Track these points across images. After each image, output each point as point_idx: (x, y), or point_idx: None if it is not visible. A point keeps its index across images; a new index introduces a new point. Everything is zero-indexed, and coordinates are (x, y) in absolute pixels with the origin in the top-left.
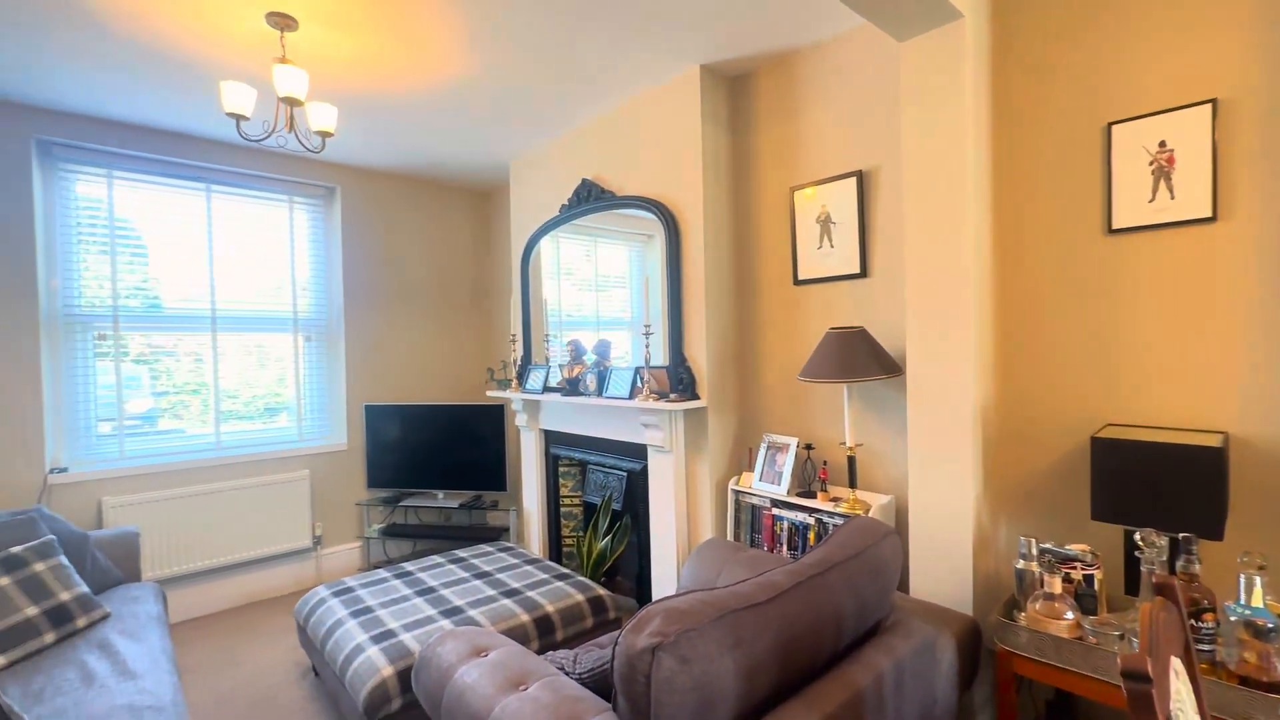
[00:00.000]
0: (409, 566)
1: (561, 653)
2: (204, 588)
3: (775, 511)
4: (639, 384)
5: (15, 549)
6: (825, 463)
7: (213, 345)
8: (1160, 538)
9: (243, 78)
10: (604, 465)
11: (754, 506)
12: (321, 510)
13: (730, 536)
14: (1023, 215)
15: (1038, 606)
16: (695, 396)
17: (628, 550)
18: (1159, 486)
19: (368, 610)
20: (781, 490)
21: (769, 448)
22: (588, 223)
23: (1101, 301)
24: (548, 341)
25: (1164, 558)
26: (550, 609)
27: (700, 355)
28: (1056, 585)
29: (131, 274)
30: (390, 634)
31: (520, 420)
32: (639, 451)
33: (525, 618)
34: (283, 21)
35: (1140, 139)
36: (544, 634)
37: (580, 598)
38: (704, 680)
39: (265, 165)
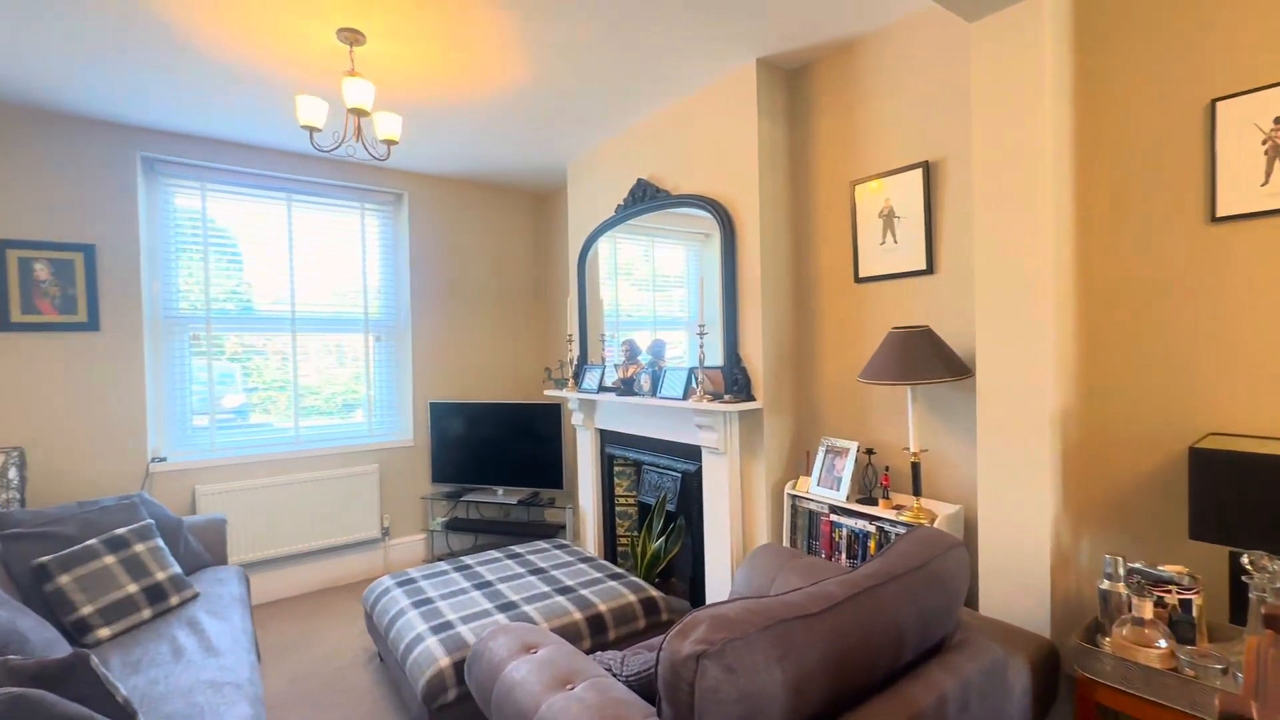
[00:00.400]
0: (468, 560)
1: (610, 653)
2: (282, 573)
3: (834, 518)
4: (693, 384)
5: (119, 530)
6: (887, 468)
7: (292, 345)
8: (1273, 562)
9: (314, 92)
10: (658, 466)
11: (811, 512)
12: (389, 503)
13: (786, 542)
14: (1111, 205)
15: (1125, 632)
16: (750, 398)
17: (682, 552)
18: (1271, 504)
19: (428, 601)
20: (840, 496)
21: (827, 451)
22: (645, 222)
23: (1202, 297)
24: (604, 341)
25: (1277, 585)
26: (603, 608)
27: (756, 356)
28: (1147, 610)
29: (227, 279)
30: (448, 625)
31: (576, 419)
32: (693, 453)
33: (578, 616)
34: (352, 37)
35: (1251, 115)
36: (596, 633)
37: (633, 598)
38: (750, 691)
39: (339, 175)
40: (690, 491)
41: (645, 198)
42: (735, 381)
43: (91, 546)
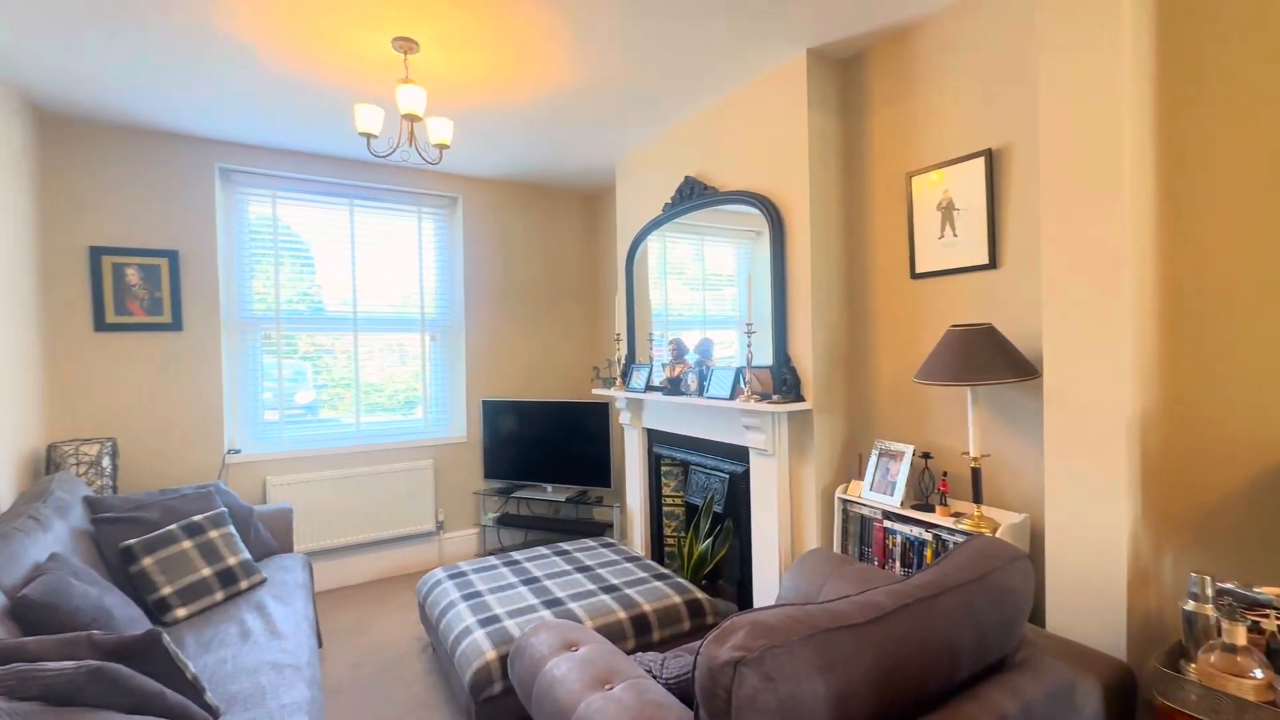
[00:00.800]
0: (517, 556)
1: (650, 655)
2: (343, 561)
3: (887, 524)
4: (740, 384)
5: (197, 517)
6: (945, 474)
7: (354, 344)
8: None
9: (371, 101)
10: (705, 466)
11: (863, 517)
12: (444, 497)
13: (837, 547)
14: (1204, 192)
15: (1214, 659)
16: (800, 398)
17: (729, 554)
18: None
19: (477, 595)
20: (894, 501)
21: (881, 455)
22: (694, 221)
23: None
24: (651, 341)
25: None
26: (647, 608)
27: (805, 355)
28: (1240, 635)
29: (300, 281)
30: (496, 619)
31: (624, 418)
32: (741, 454)
33: (622, 615)
34: (406, 45)
35: None
36: (640, 633)
37: (678, 599)
38: (790, 702)
39: (397, 180)
40: (738, 493)
41: (693, 195)
42: (784, 381)
43: (172, 531)
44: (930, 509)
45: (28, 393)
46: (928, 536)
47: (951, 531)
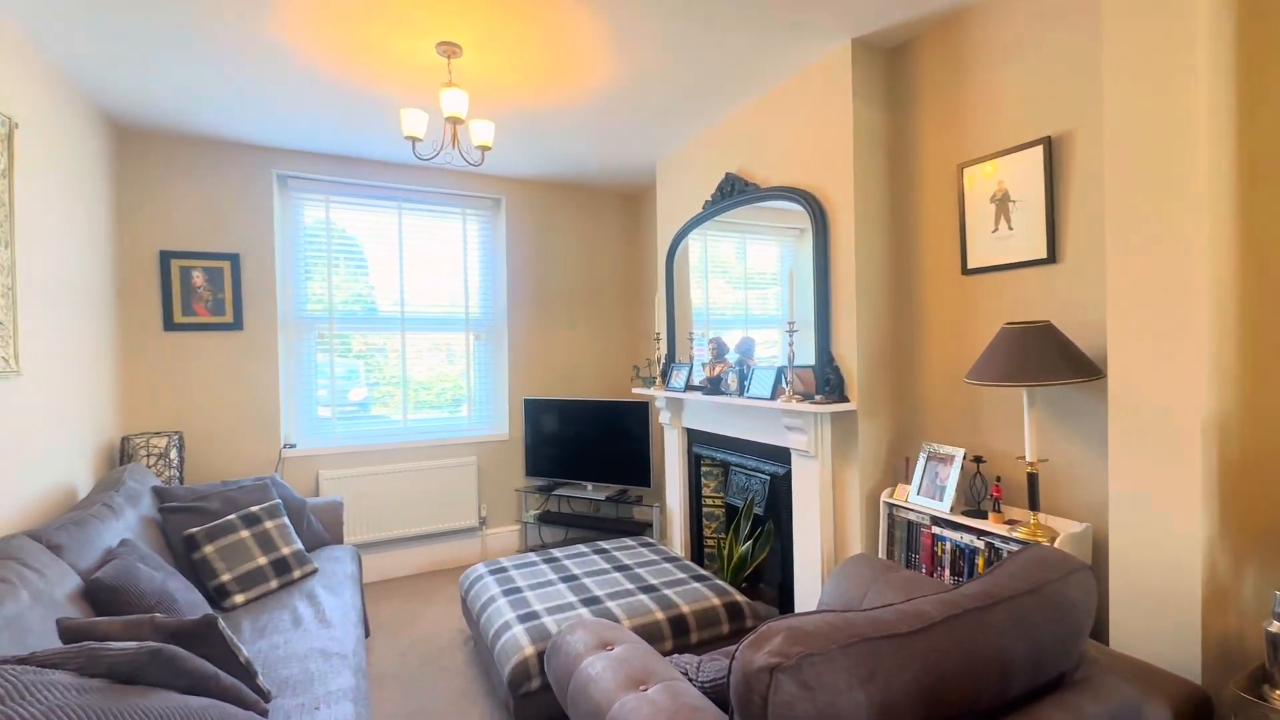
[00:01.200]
0: (557, 553)
1: (686, 657)
2: (391, 554)
3: (936, 530)
4: (782, 384)
5: (254, 508)
6: (999, 479)
7: (402, 343)
8: None
9: (416, 105)
10: (746, 467)
11: (911, 523)
12: (487, 493)
13: (882, 553)
14: None
15: None
16: (844, 399)
17: (770, 557)
18: None
19: (517, 590)
20: (944, 507)
21: (929, 458)
22: (736, 218)
23: None
24: (691, 340)
25: None
26: (686, 609)
27: (850, 354)
28: None
29: (352, 283)
30: (534, 615)
31: (664, 418)
32: (782, 455)
33: (660, 615)
34: (450, 50)
35: None
36: (678, 634)
37: (717, 601)
38: (829, 712)
39: (443, 182)
40: (779, 495)
41: (734, 192)
42: (827, 381)
43: (231, 521)
44: (983, 515)
45: (106, 388)
46: (980, 544)
47: (1006, 539)
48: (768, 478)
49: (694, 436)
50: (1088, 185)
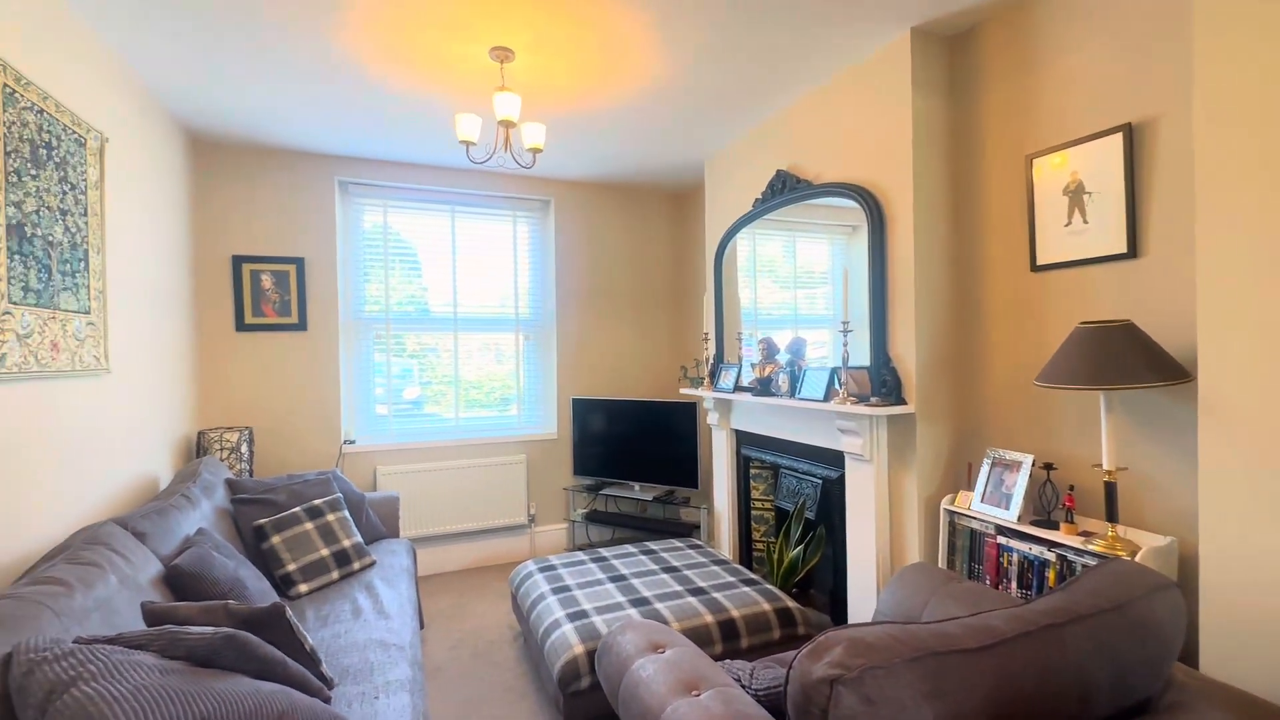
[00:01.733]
0: (605, 553)
1: (739, 663)
2: (443, 548)
3: (1001, 540)
4: (835, 385)
5: (317, 501)
6: (1072, 488)
7: (454, 343)
8: None
9: (469, 110)
10: (797, 470)
11: (973, 531)
12: (535, 491)
13: (941, 562)
14: None
15: None
16: (901, 401)
17: (822, 562)
18: None
19: (566, 589)
20: (1010, 515)
21: (994, 464)
22: (786, 216)
23: None
24: (740, 340)
25: None
26: (735, 614)
27: (908, 355)
28: None
29: (407, 285)
30: (583, 614)
31: (712, 419)
32: (835, 459)
33: (709, 618)
34: (502, 54)
35: None
36: (727, 638)
37: (767, 606)
38: None
39: (494, 186)
40: (831, 499)
41: (785, 189)
42: (883, 383)
43: (296, 513)
44: (1054, 526)
45: (184, 385)
46: (1050, 556)
47: (1080, 552)
48: (819, 481)
49: (742, 438)
50: (1174, 174)
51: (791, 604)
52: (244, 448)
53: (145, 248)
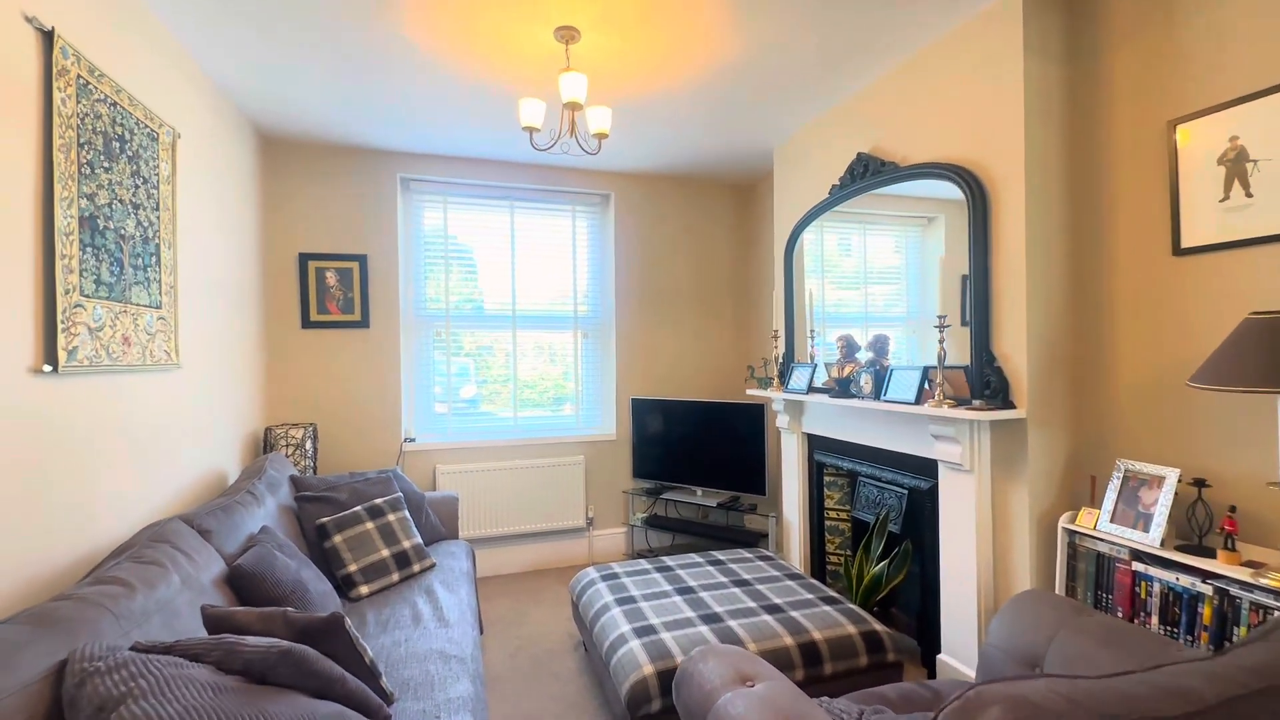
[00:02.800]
0: (669, 561)
1: (840, 703)
2: (501, 550)
3: (1138, 567)
4: (928, 386)
5: (378, 500)
6: (1232, 509)
7: (513, 342)
8: None
9: (532, 95)
10: (879, 479)
11: (1101, 555)
12: (593, 494)
13: (1059, 589)
14: None
15: None
16: (1008, 404)
17: (907, 580)
18: None
19: (631, 600)
20: (1151, 539)
21: (1126, 478)
22: (857, 209)
23: None
24: (812, 338)
25: None
26: (817, 636)
27: (1017, 353)
28: None
29: (465, 284)
30: (651, 630)
31: (781, 421)
32: (925, 467)
33: (789, 641)
34: (568, 34)
35: None
36: (810, 663)
37: (852, 629)
38: None
39: (553, 180)
40: (920, 512)
41: (867, 174)
42: (986, 384)
43: (357, 512)
44: (1208, 553)
45: (253, 381)
46: (1205, 589)
47: (1248, 587)
48: (905, 492)
49: (815, 442)
50: None
51: (879, 627)
52: (308, 444)
53: (216, 244)
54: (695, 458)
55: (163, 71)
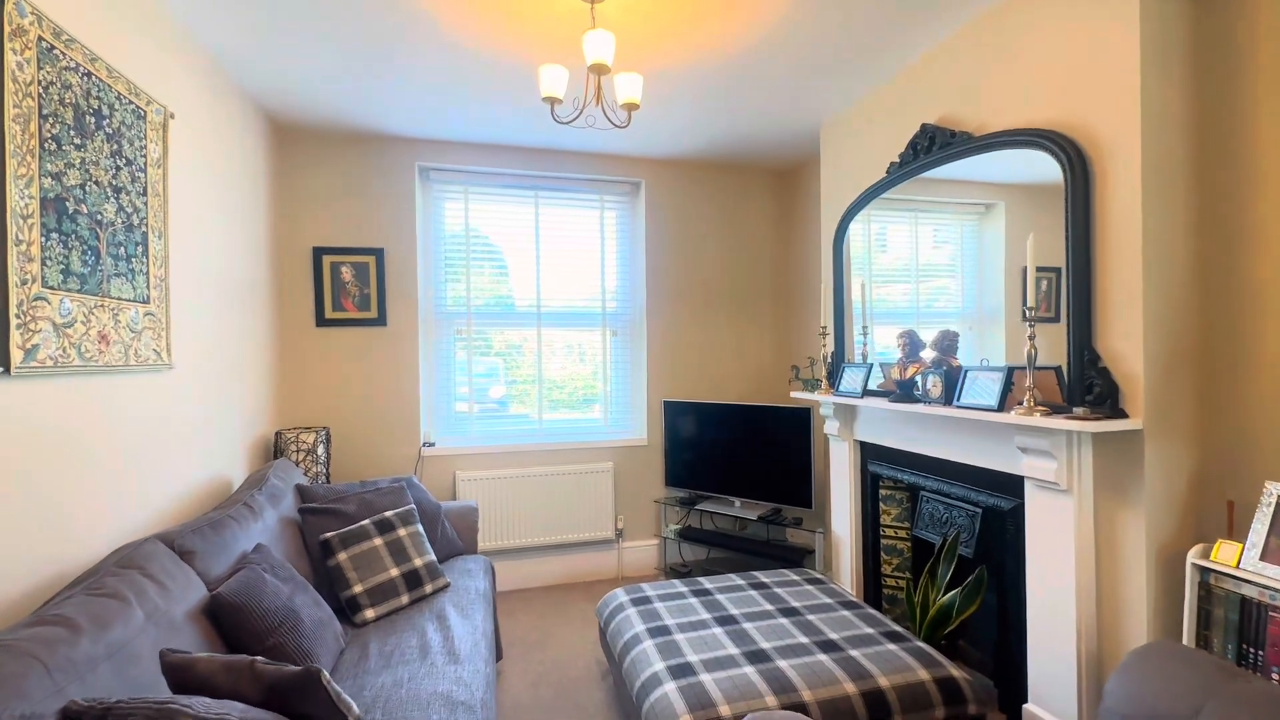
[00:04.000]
0: (706, 584)
1: None
2: (524, 563)
3: None
4: (1013, 390)
5: (388, 513)
6: None
7: (538, 339)
8: None
9: (555, 63)
10: (946, 495)
11: (1245, 600)
12: (623, 503)
13: (1188, 639)
14: None
15: None
16: (1119, 413)
17: (981, 611)
18: None
19: (665, 631)
20: None
21: (1279, 505)
22: (909, 195)
23: None
24: (865, 335)
25: None
26: (884, 683)
27: (1131, 352)
28: None
29: (487, 279)
30: (689, 669)
31: (830, 428)
32: (1007, 484)
33: (851, 688)
34: None
35: None
36: (875, 715)
37: (925, 675)
38: None
39: (579, 167)
40: (998, 535)
41: (933, 147)
42: (1089, 388)
43: (365, 527)
44: None
45: (262, 383)
46: None
47: None
48: (978, 511)
49: (870, 451)
50: None
51: (956, 673)
52: (320, 449)
53: (219, 235)
54: (733, 465)
55: (150, 45)
